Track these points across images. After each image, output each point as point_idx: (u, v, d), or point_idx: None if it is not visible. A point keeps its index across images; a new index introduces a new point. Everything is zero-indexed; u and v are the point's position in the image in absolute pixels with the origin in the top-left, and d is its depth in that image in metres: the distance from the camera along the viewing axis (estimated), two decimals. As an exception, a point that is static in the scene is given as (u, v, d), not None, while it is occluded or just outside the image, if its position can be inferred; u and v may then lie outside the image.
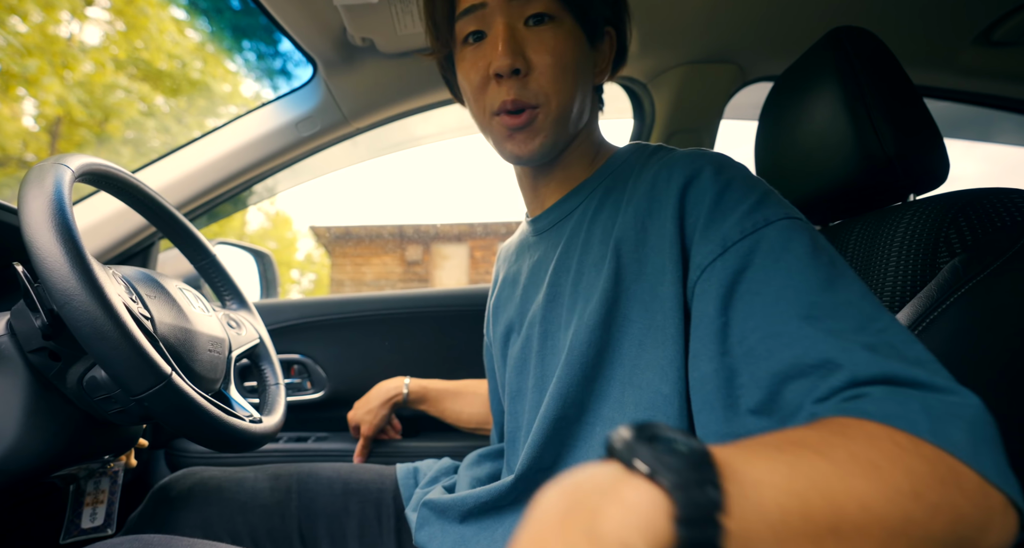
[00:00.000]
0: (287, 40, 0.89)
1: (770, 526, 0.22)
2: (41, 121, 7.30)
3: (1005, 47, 0.97)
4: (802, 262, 0.36)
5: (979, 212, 0.46)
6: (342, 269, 10.70)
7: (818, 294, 0.35)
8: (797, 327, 0.34)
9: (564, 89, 0.50)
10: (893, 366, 0.30)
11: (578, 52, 0.51)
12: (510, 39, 0.49)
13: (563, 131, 0.52)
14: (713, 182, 0.43)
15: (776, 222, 0.39)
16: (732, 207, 0.41)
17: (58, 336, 0.49)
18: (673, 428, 0.24)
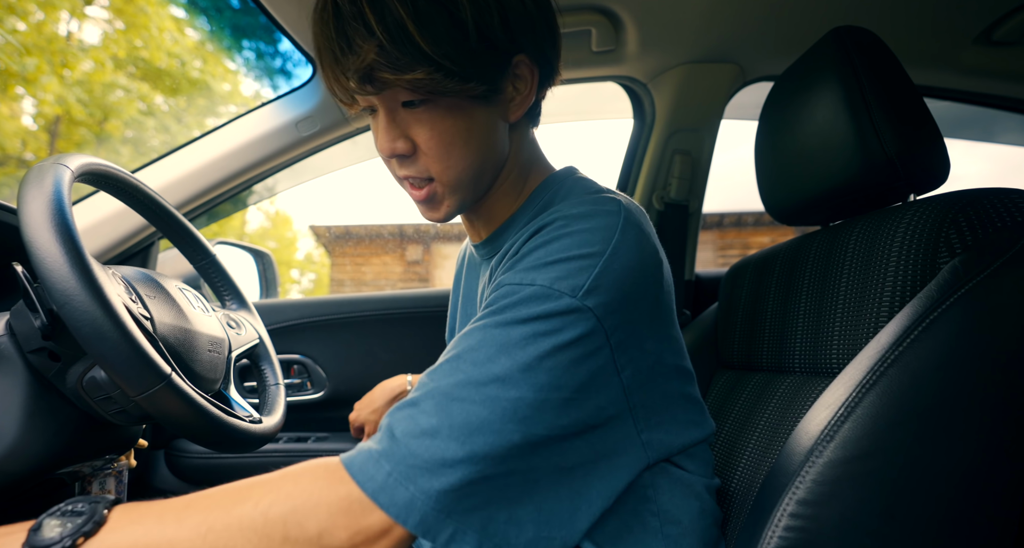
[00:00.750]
0: (287, 40, 0.89)
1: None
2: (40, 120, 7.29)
3: (1006, 47, 0.97)
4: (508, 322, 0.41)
5: (979, 212, 0.46)
6: (342, 269, 10.70)
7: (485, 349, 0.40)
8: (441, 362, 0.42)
9: (453, 164, 0.49)
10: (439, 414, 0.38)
11: (463, 122, 0.48)
12: (390, 125, 0.48)
13: (468, 193, 0.53)
14: (550, 232, 0.45)
15: (535, 287, 0.41)
16: (531, 261, 0.43)
17: (58, 336, 0.49)
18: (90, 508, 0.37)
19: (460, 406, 0.38)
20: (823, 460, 0.38)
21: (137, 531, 0.36)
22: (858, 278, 0.54)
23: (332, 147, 1.11)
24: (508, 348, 0.39)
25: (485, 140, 0.50)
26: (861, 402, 0.38)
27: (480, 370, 0.39)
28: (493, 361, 0.39)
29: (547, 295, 0.40)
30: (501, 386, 0.38)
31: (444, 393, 0.39)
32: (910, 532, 0.37)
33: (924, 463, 0.37)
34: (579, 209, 0.46)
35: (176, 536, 0.35)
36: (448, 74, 0.44)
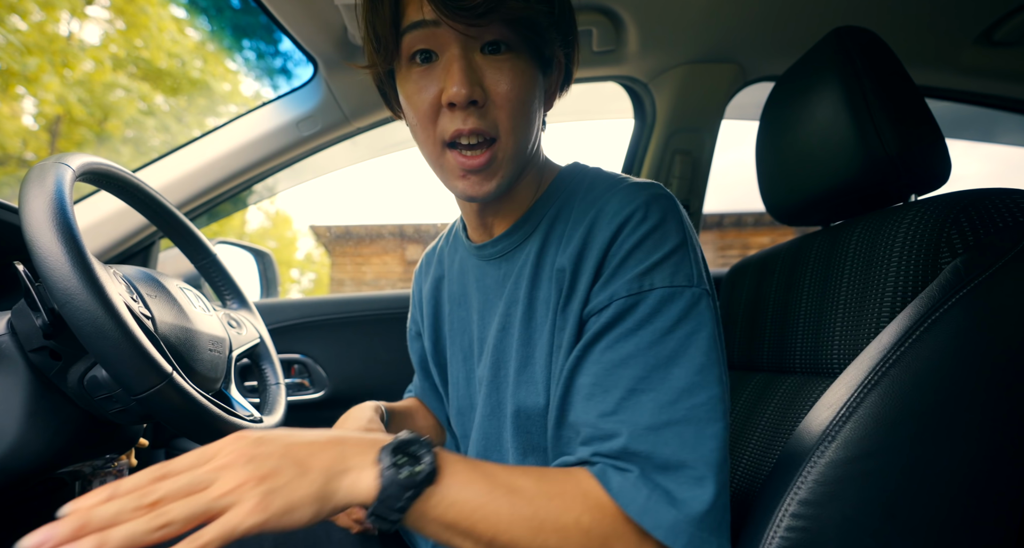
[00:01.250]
0: (288, 39, 0.89)
1: (439, 525, 0.37)
2: (41, 120, 7.29)
3: (1006, 47, 0.97)
4: (654, 336, 0.42)
5: (981, 212, 0.46)
6: (342, 268, 10.70)
7: (650, 370, 0.41)
8: (614, 400, 0.41)
9: (522, 124, 0.48)
10: (659, 448, 0.39)
11: (534, 85, 0.48)
12: (467, 68, 0.44)
13: (518, 168, 0.51)
14: (634, 231, 0.45)
15: (656, 290, 0.43)
16: (633, 264, 0.44)
17: (59, 335, 0.49)
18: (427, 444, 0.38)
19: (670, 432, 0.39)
20: (824, 460, 0.38)
21: (474, 498, 0.37)
22: (859, 278, 0.54)
23: (332, 147, 1.11)
24: (674, 360, 0.41)
25: (540, 112, 0.52)
26: (863, 402, 0.38)
27: (664, 394, 0.40)
28: (668, 379, 0.41)
29: (673, 295, 0.43)
30: (690, 395, 0.40)
31: (649, 428, 0.40)
32: (911, 532, 0.37)
33: (925, 463, 0.37)
34: (641, 198, 0.46)
35: (512, 517, 0.37)
36: (548, 14, 0.46)
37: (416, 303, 0.75)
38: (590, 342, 0.45)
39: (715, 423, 0.40)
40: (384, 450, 0.36)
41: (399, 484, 0.35)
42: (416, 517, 0.36)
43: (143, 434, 0.70)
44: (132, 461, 0.73)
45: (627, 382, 0.42)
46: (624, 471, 0.39)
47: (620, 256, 0.45)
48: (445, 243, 0.70)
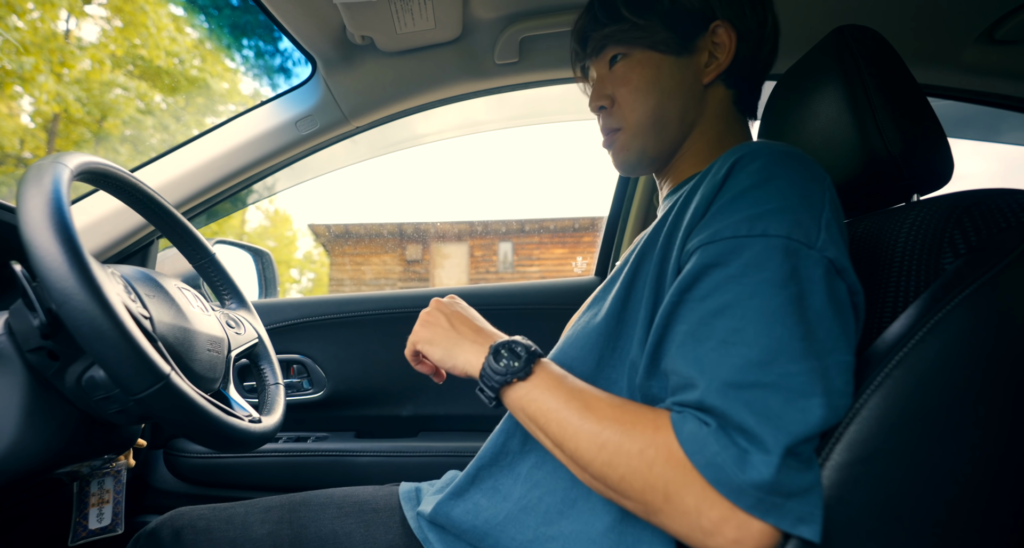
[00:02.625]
0: (286, 38, 0.89)
1: (521, 413, 0.47)
2: (38, 119, 7.27)
3: (1008, 45, 0.97)
4: (761, 287, 0.38)
5: (984, 213, 0.46)
6: (342, 268, 10.69)
7: (749, 323, 0.38)
8: (707, 348, 0.39)
9: (638, 109, 0.58)
10: (735, 408, 0.36)
11: (651, 72, 0.58)
12: (598, 84, 0.62)
13: (649, 142, 0.60)
14: (759, 171, 0.43)
15: (770, 238, 0.40)
16: (748, 204, 0.42)
17: (56, 335, 0.49)
18: (527, 349, 0.48)
19: (752, 394, 0.36)
20: (829, 463, 0.37)
21: (550, 402, 0.44)
22: (861, 278, 0.54)
23: (332, 146, 1.11)
24: (778, 318, 0.37)
25: (669, 90, 0.58)
26: (866, 404, 0.38)
27: (756, 352, 0.37)
28: (766, 336, 0.37)
29: (789, 247, 0.39)
30: (789, 360, 0.36)
31: (730, 384, 0.37)
32: (917, 534, 0.37)
33: (930, 464, 0.37)
34: (774, 148, 0.45)
35: (578, 429, 0.42)
36: (635, 26, 0.57)
37: None
38: (688, 285, 0.42)
39: (810, 398, 0.36)
40: (495, 344, 0.48)
41: (494, 370, 0.47)
42: (507, 400, 0.47)
43: (141, 434, 0.70)
44: (130, 461, 0.73)
45: (721, 332, 0.39)
46: (703, 423, 0.37)
47: (736, 191, 0.43)
48: None
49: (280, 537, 0.63)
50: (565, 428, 0.42)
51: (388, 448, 1.09)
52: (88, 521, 0.68)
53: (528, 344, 0.48)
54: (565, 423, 0.42)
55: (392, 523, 0.66)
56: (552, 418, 0.43)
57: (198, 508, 0.66)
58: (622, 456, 0.39)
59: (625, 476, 0.39)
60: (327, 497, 0.70)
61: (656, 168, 0.64)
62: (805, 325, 0.37)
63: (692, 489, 0.36)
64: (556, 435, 0.43)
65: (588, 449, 0.41)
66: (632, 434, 0.39)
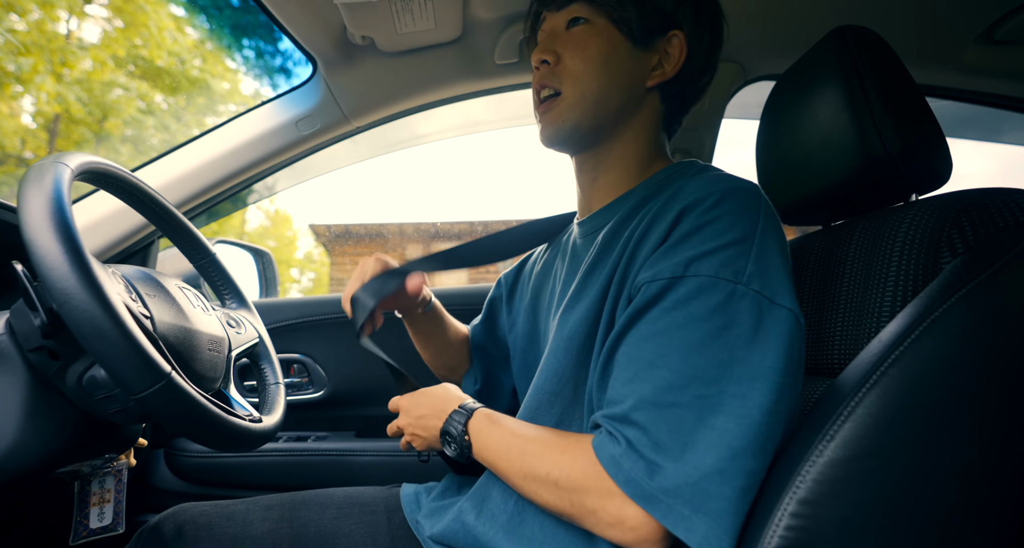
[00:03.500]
0: (287, 38, 0.89)
1: (480, 457, 0.54)
2: (39, 119, 7.27)
3: (1008, 46, 0.97)
4: (687, 320, 0.43)
5: (982, 212, 0.46)
6: (342, 268, 10.70)
7: (674, 350, 0.43)
8: (636, 369, 0.44)
9: (585, 77, 0.56)
10: (656, 425, 0.41)
11: (607, 48, 0.56)
12: (548, 38, 0.60)
13: (585, 117, 0.58)
14: (698, 217, 0.47)
15: (700, 277, 0.44)
16: (687, 248, 0.46)
17: (57, 335, 0.49)
18: (464, 414, 0.57)
19: (671, 412, 0.42)
20: (824, 460, 0.38)
21: (492, 437, 0.53)
22: (860, 278, 0.54)
23: (332, 146, 1.11)
24: (698, 348, 0.42)
25: (617, 73, 0.57)
26: (862, 402, 0.38)
27: (676, 376, 0.42)
28: (685, 363, 0.42)
29: (714, 285, 0.43)
30: (703, 385, 0.42)
31: (651, 402, 0.42)
32: (911, 532, 0.37)
33: (925, 463, 0.37)
34: (720, 186, 0.48)
35: (506, 470, 0.51)
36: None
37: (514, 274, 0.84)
38: (631, 316, 0.47)
39: (721, 417, 0.40)
40: (441, 437, 0.58)
41: (450, 454, 0.57)
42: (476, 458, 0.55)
43: (142, 434, 0.70)
44: (131, 461, 0.73)
45: (649, 356, 0.44)
46: (618, 438, 0.43)
47: (678, 236, 0.47)
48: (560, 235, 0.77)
49: (280, 536, 0.63)
50: (508, 468, 0.51)
51: (388, 448, 1.09)
52: (89, 520, 0.69)
53: (457, 420, 0.57)
54: (506, 464, 0.52)
55: (393, 525, 0.66)
56: (496, 462, 0.53)
57: (200, 504, 0.67)
58: (537, 480, 0.48)
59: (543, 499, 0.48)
60: (328, 497, 0.70)
61: (579, 150, 0.62)
62: (727, 352, 0.41)
63: (604, 497, 0.43)
64: (503, 472, 0.52)
65: (516, 478, 0.50)
66: (548, 459, 0.48)
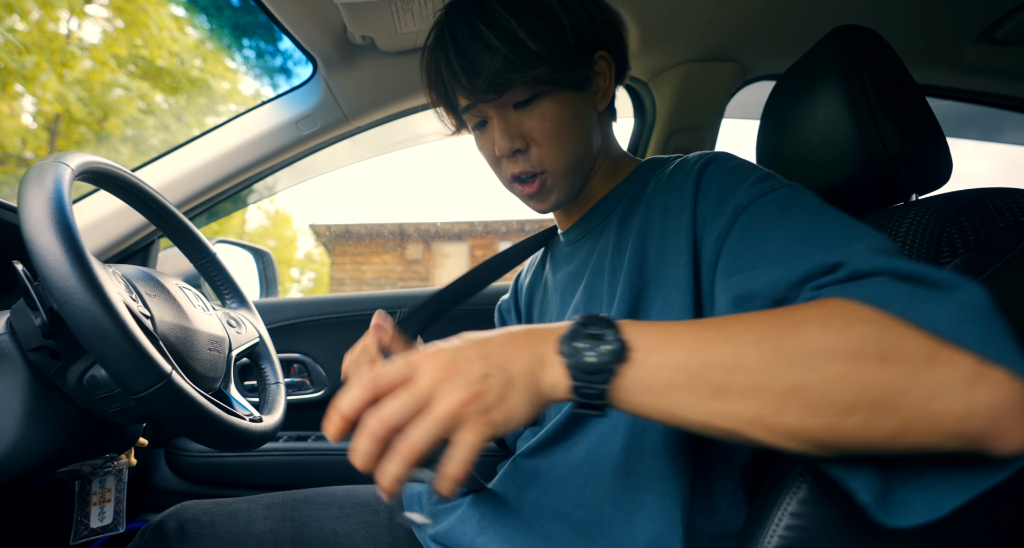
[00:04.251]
0: (287, 38, 0.89)
1: (654, 392, 0.31)
2: (40, 119, 7.28)
3: (1007, 45, 0.97)
4: (808, 212, 0.40)
5: (982, 212, 0.46)
6: (342, 267, 10.70)
7: (825, 228, 0.38)
8: (806, 248, 0.36)
9: (564, 151, 0.56)
10: (897, 263, 0.31)
11: (569, 110, 0.55)
12: (505, 125, 0.55)
13: (575, 181, 0.59)
14: (722, 165, 0.49)
15: (781, 188, 0.44)
16: (739, 181, 0.46)
17: (58, 334, 0.49)
18: (607, 321, 0.33)
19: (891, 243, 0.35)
20: (824, 460, 0.38)
21: (680, 352, 0.31)
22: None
23: (332, 146, 1.11)
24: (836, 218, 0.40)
25: (585, 127, 0.57)
26: (863, 402, 0.38)
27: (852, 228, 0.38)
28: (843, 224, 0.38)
29: (802, 190, 0.44)
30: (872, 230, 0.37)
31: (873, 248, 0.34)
32: (912, 532, 0.37)
33: (926, 463, 0.37)
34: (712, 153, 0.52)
35: (741, 352, 0.30)
36: (557, 67, 0.52)
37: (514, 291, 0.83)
38: (738, 246, 0.42)
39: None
40: (563, 339, 0.33)
41: (586, 369, 0.32)
42: (620, 398, 0.32)
43: (142, 433, 0.70)
44: (132, 460, 0.73)
45: (807, 241, 0.37)
46: (867, 282, 0.31)
47: (718, 183, 0.47)
48: (546, 248, 0.77)
49: (282, 535, 0.63)
50: (724, 364, 0.30)
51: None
52: (90, 520, 0.69)
53: (595, 315, 0.35)
54: (720, 360, 0.30)
55: (394, 524, 0.66)
56: (700, 365, 0.31)
57: (203, 502, 0.67)
58: (819, 355, 0.28)
59: (841, 375, 0.28)
60: (329, 496, 0.70)
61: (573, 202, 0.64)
62: (864, 225, 0.38)
63: (918, 345, 0.27)
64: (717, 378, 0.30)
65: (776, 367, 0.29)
66: (809, 329, 0.29)
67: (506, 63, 0.50)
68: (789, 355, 0.29)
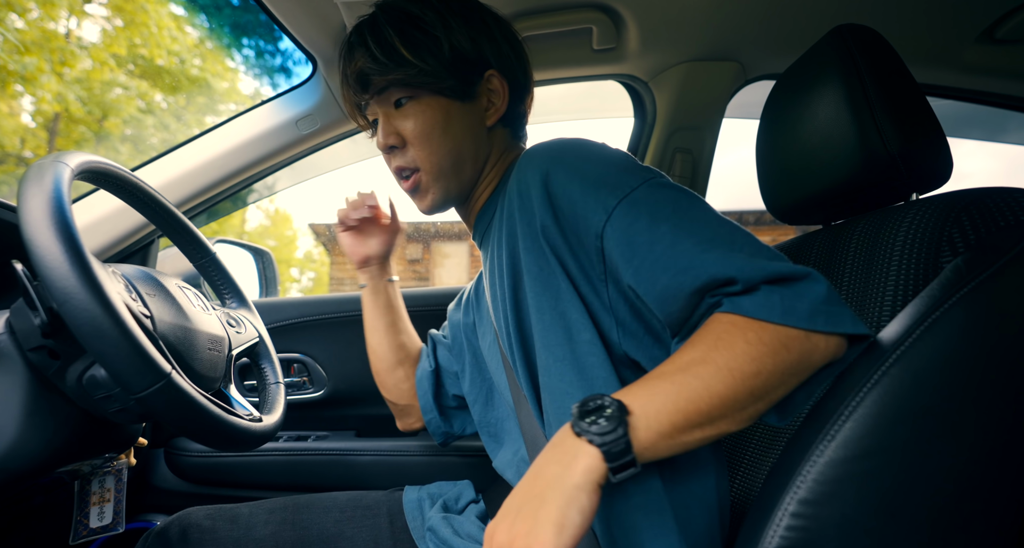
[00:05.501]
0: (287, 37, 0.89)
1: (665, 436, 0.38)
2: (39, 118, 7.27)
3: (1008, 45, 0.97)
4: (676, 209, 0.46)
5: (982, 211, 0.46)
6: (342, 267, 10.69)
7: (697, 229, 0.45)
8: (698, 259, 0.43)
9: (435, 152, 0.61)
10: (769, 267, 0.41)
11: (441, 115, 0.60)
12: (385, 123, 0.62)
13: (451, 183, 0.63)
14: (569, 174, 0.50)
15: (642, 186, 0.47)
16: (590, 188, 0.48)
17: (57, 334, 0.49)
18: (600, 395, 0.39)
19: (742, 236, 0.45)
20: (824, 459, 0.38)
21: (666, 397, 0.39)
22: (860, 277, 0.54)
23: (332, 145, 1.11)
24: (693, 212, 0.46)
25: (461, 133, 0.61)
26: (863, 401, 0.38)
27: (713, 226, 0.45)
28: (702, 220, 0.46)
29: (661, 181, 0.49)
30: (721, 221, 0.46)
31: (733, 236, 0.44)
32: (912, 531, 0.37)
33: (926, 462, 0.37)
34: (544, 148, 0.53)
35: (705, 383, 0.38)
36: (422, 72, 0.58)
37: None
38: (627, 252, 0.46)
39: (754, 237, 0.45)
40: (574, 425, 0.39)
41: (605, 431, 0.37)
42: (644, 448, 0.38)
43: (142, 433, 0.70)
44: (131, 460, 0.73)
45: (694, 249, 0.43)
46: (755, 296, 0.41)
47: (571, 189, 0.49)
48: None
49: (283, 538, 0.63)
50: (699, 400, 0.39)
51: (388, 447, 1.09)
52: (89, 520, 0.69)
53: (587, 397, 0.41)
54: (696, 396, 0.39)
55: (395, 530, 0.66)
56: (684, 406, 0.38)
57: (205, 508, 0.67)
58: (741, 370, 0.39)
59: (768, 372, 0.39)
60: (331, 500, 0.70)
61: (458, 205, 0.68)
62: (710, 210, 0.47)
63: (798, 341, 0.39)
64: (702, 412, 0.39)
65: (729, 390, 0.38)
66: (731, 349, 0.39)
67: (377, 64, 0.58)
68: (734, 373, 0.38)
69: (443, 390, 0.81)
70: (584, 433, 0.37)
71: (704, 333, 0.41)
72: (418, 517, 0.67)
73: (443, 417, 0.81)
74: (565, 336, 0.50)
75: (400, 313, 0.85)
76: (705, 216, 0.46)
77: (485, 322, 0.68)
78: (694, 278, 0.43)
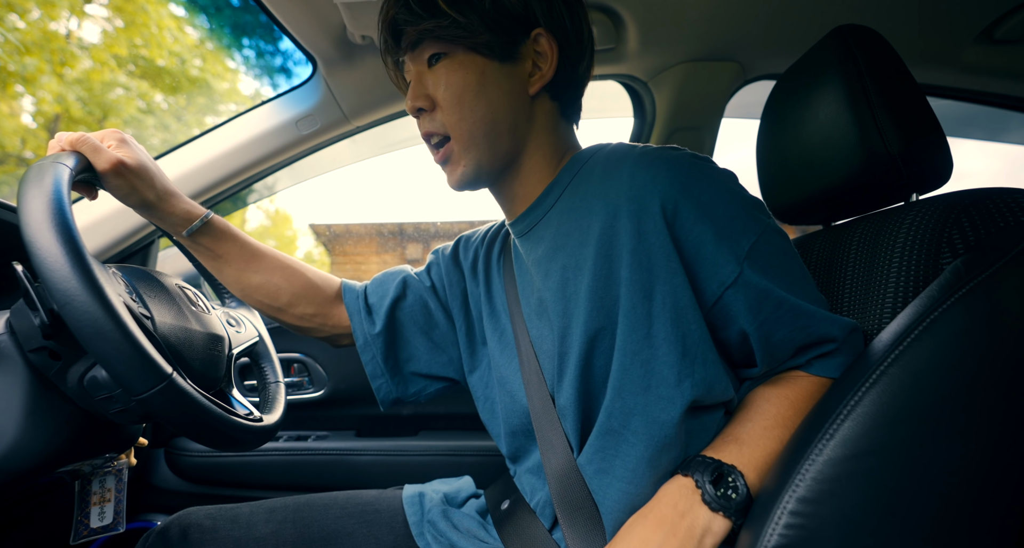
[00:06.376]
0: (287, 38, 0.89)
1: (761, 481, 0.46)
2: (39, 118, 7.27)
3: (1007, 45, 0.97)
4: (786, 261, 0.50)
5: (982, 212, 0.46)
6: (342, 267, 10.69)
7: (802, 285, 0.50)
8: (812, 320, 0.49)
9: (466, 116, 0.54)
10: (839, 327, 0.50)
11: (475, 77, 0.53)
12: (416, 84, 0.56)
13: (484, 154, 0.55)
14: (699, 215, 0.48)
15: (763, 234, 0.49)
16: (727, 231, 0.48)
17: (58, 335, 0.49)
18: (713, 460, 0.46)
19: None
20: (823, 458, 0.38)
21: (761, 455, 0.46)
22: (861, 278, 0.54)
23: (332, 145, 1.11)
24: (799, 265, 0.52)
25: (497, 98, 0.54)
26: (862, 401, 0.38)
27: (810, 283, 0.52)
28: (806, 274, 0.52)
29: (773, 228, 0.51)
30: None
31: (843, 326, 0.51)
32: (910, 530, 0.37)
33: (924, 462, 0.37)
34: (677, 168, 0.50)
35: (777, 444, 0.47)
36: (456, 24, 0.52)
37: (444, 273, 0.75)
38: (755, 307, 0.49)
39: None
40: (711, 500, 0.44)
41: (726, 501, 0.44)
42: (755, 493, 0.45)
43: (142, 433, 0.70)
44: (132, 460, 0.73)
45: (802, 308, 0.49)
46: (837, 357, 0.51)
47: (703, 235, 0.48)
48: (493, 235, 0.73)
49: (283, 536, 0.63)
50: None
51: (388, 447, 1.09)
52: (90, 520, 0.69)
53: (703, 461, 0.47)
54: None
55: (394, 525, 0.66)
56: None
57: (206, 508, 0.67)
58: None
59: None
60: (331, 498, 0.70)
61: (492, 183, 0.60)
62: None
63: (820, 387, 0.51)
64: None
65: None
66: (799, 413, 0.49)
67: (410, 13, 0.53)
68: (791, 428, 0.47)
69: (395, 352, 0.71)
70: (722, 509, 0.44)
71: (791, 394, 0.50)
72: (418, 512, 0.67)
73: (395, 381, 0.71)
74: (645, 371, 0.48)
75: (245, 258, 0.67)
76: (799, 263, 0.51)
77: (501, 321, 0.64)
78: (807, 336, 0.49)
